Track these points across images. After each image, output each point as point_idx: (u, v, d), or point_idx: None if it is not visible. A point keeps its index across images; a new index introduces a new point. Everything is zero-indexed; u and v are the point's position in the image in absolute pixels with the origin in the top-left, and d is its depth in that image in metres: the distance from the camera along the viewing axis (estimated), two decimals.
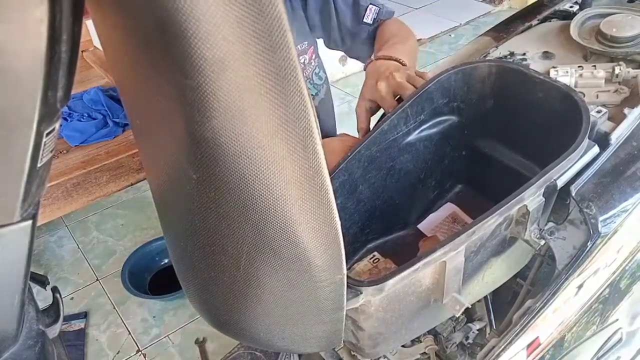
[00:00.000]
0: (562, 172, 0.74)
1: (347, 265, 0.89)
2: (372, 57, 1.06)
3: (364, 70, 1.04)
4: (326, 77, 1.40)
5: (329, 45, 1.33)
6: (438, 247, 0.66)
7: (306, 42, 1.28)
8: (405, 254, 0.67)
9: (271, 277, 0.51)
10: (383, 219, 0.92)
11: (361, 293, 0.63)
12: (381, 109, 0.95)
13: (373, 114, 0.98)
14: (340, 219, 0.85)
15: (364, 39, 1.25)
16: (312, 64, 1.32)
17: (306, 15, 1.27)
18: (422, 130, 0.90)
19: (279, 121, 0.39)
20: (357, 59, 1.34)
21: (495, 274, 0.80)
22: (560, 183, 0.74)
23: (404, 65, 1.00)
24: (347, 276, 0.63)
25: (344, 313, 0.58)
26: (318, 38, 1.34)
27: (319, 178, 0.44)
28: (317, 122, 0.43)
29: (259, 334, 0.60)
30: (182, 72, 0.36)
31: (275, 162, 0.41)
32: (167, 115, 0.43)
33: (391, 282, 0.64)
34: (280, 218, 0.45)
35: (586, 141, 0.75)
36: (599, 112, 0.83)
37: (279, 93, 0.38)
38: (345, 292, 0.55)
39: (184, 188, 0.48)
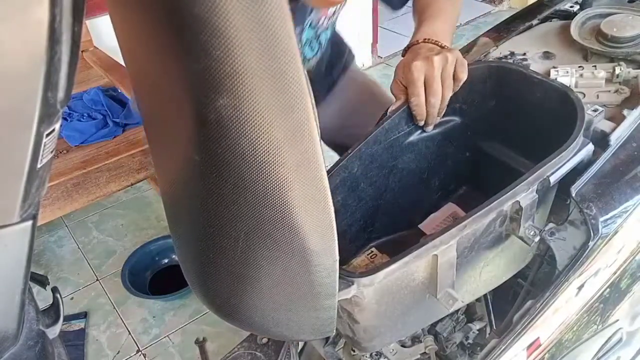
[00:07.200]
0: (555, 169, 0.74)
1: (346, 262, 0.90)
2: (412, 36, 0.96)
3: (402, 56, 0.93)
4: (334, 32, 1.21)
5: None
6: (429, 239, 0.67)
7: None
8: None
9: (267, 261, 0.53)
10: (386, 218, 0.92)
11: (353, 284, 0.64)
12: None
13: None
14: (342, 215, 0.86)
15: None
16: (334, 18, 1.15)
17: None
18: (423, 131, 0.91)
19: (278, 106, 0.42)
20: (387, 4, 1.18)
21: (493, 271, 0.80)
22: (553, 180, 0.74)
23: (443, 48, 0.91)
24: (341, 268, 0.64)
25: (336, 300, 0.59)
26: None
27: (314, 164, 0.46)
28: (315, 109, 0.45)
29: (253, 318, 0.61)
30: (191, 55, 0.38)
31: (273, 145, 0.43)
32: (176, 100, 0.45)
33: (382, 273, 0.65)
34: (276, 201, 0.47)
35: (580, 139, 0.75)
36: (595, 110, 0.83)
37: (277, 80, 0.40)
38: (337, 278, 0.57)
39: (187, 171, 0.51)
